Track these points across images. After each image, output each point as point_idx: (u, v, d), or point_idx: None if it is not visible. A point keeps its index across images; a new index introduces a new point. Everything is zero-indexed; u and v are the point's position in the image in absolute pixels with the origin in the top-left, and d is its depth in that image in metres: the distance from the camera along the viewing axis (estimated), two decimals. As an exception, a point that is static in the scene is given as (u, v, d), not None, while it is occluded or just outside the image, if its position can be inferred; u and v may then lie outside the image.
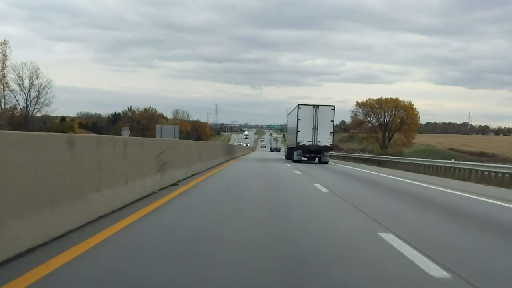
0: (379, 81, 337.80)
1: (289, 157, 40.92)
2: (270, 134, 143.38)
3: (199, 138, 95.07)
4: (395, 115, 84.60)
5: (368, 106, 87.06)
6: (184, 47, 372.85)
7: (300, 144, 32.88)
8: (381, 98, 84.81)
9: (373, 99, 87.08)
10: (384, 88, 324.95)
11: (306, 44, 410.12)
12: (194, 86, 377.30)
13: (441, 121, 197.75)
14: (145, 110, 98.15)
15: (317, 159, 35.04)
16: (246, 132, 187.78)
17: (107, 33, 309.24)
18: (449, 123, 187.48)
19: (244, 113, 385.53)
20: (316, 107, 33.10)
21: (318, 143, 32.69)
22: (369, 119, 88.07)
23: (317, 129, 32.79)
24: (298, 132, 33.00)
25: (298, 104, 33.55)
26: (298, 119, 33.12)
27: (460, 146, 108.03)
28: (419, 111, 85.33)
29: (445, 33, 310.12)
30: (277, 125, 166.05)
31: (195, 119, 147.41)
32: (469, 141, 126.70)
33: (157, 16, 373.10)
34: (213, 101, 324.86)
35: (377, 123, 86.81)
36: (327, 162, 34.01)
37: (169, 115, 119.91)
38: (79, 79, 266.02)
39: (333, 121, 33.13)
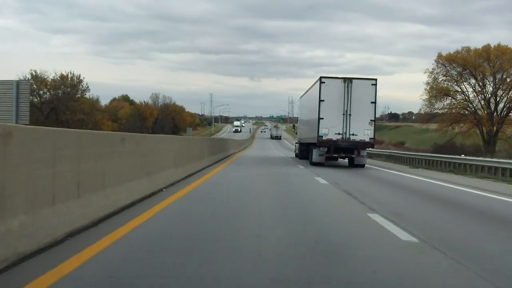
0: (379, 72, 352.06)
1: (302, 155, 32.18)
2: (271, 122, 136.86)
3: (175, 127, 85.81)
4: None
5: (462, 64, 50.56)
6: (181, 38, 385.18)
7: (324, 138, 24.29)
8: (488, 45, 50.12)
9: (470, 49, 51.06)
10: (384, 80, 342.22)
11: (305, 35, 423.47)
12: (192, 78, 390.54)
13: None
14: (62, 78, 61.94)
15: (344, 160, 27.03)
16: (236, 123, 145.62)
17: (104, 24, 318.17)
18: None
19: (242, 105, 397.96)
20: (348, 81, 24.52)
21: (352, 137, 23.45)
22: (461, 88, 51.68)
23: (349, 115, 23.43)
24: (321, 120, 23.53)
25: (321, 77, 24.36)
26: (320, 100, 24.26)
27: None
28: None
29: (446, 23, 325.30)
30: (277, 116, 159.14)
31: (192, 111, 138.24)
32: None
33: (154, 7, 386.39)
34: (211, 93, 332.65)
35: (479, 95, 50.22)
36: (363, 165, 25.73)
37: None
38: (76, 71, 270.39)
39: (375, 102, 24.23)
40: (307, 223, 7.32)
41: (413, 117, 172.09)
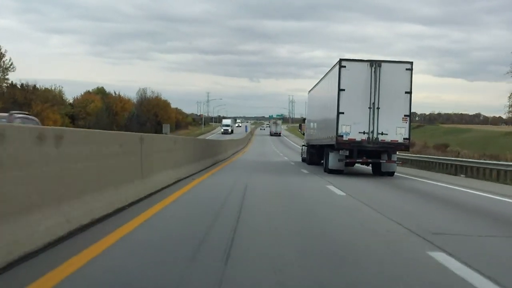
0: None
1: (312, 160, 27.32)
2: (274, 122, 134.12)
3: (158, 125, 79.60)
4: None
5: None
6: (180, 39, 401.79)
7: (345, 138, 18.46)
8: None
9: None
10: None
11: (305, 36, 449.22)
12: (191, 78, 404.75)
13: (444, 112, 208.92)
14: None
15: (363, 166, 22.45)
16: (226, 121, 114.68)
17: (102, 25, 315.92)
18: (461, 113, 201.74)
19: (241, 106, 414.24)
20: (375, 64, 19.32)
21: (381, 137, 18.31)
22: None
23: (378, 108, 18.38)
24: (341, 116, 18.52)
25: (341, 59, 18.71)
26: (340, 90, 18.63)
27: None
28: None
29: (446, 23, 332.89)
30: (278, 115, 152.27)
31: (190, 111, 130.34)
32: None
33: (153, 8, 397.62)
34: (211, 94, 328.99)
35: None
36: (392, 174, 21.03)
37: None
38: (75, 72, 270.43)
39: (411, 92, 18.59)
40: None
41: (417, 118, 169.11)
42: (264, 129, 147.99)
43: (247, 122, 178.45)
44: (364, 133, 18.59)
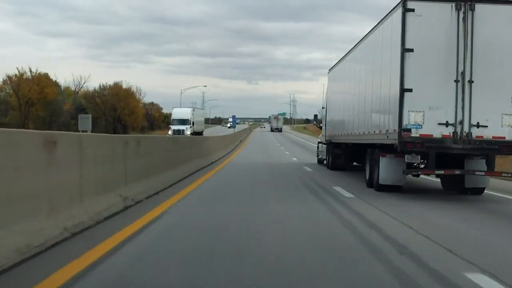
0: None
1: (335, 164, 19.00)
2: (275, 117, 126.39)
3: (119, 122, 67.08)
4: None
5: None
6: (177, 41, 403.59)
7: (415, 134, 10.90)
8: None
9: None
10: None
11: (302, 37, 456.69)
12: (190, 81, 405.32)
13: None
14: None
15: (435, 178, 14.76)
16: (178, 112, 65.80)
17: (99, 28, 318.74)
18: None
19: (240, 108, 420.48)
20: (466, 7, 11.63)
21: (476, 130, 11.01)
22: None
23: (470, 82, 11.03)
24: (407, 95, 10.98)
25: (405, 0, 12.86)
26: (405, 50, 10.97)
27: None
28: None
29: None
30: (279, 113, 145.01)
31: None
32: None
33: (149, 10, 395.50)
34: (208, 96, 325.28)
35: None
36: (482, 191, 13.76)
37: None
38: (72, 75, 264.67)
39: None
40: None
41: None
42: (264, 127, 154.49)
43: (245, 123, 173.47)
44: (447, 124, 11.23)
